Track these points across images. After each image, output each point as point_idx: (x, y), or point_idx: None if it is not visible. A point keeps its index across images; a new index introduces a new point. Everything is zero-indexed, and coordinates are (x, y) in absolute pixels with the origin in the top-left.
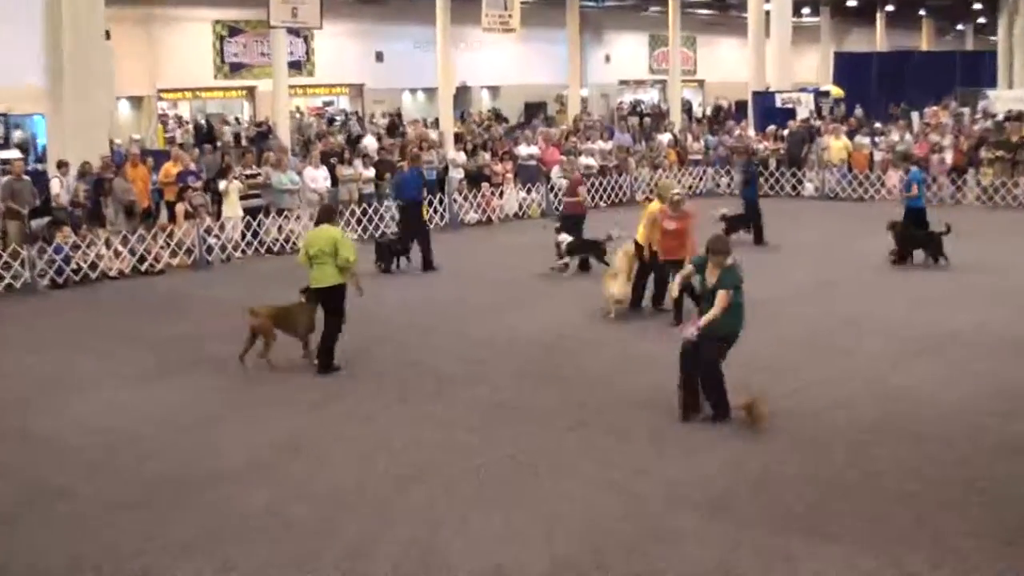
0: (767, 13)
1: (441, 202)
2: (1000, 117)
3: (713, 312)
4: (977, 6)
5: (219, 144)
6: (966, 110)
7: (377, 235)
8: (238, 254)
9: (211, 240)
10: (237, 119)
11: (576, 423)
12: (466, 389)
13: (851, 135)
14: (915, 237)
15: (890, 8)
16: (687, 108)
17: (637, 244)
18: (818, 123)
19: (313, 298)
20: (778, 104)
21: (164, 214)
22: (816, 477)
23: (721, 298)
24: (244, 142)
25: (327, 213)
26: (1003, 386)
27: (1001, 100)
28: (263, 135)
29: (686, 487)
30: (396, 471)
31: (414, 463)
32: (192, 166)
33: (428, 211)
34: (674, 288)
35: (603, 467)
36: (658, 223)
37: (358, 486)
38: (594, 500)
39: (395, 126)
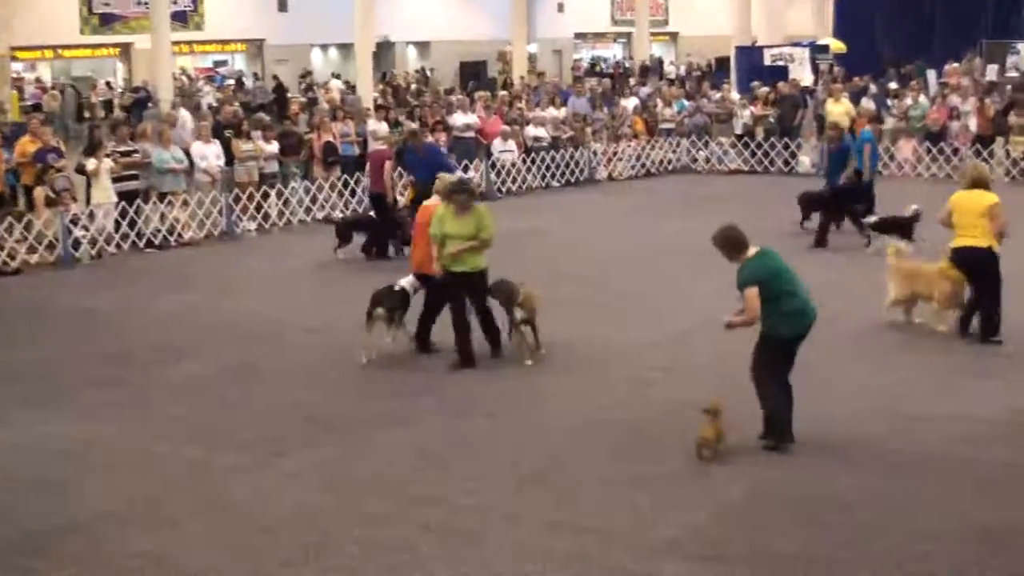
0: None
1: (358, 182)
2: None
3: (742, 318)
4: None
5: (87, 114)
6: (992, 67)
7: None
8: (111, 248)
9: (78, 232)
10: (109, 83)
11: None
12: (383, 432)
13: (856, 98)
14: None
15: None
16: (657, 67)
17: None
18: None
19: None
20: (767, 62)
21: (21, 201)
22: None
23: (746, 300)
24: (118, 111)
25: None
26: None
27: None
28: (141, 102)
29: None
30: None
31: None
32: (54, 142)
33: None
34: None
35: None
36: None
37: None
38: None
39: (282, 94)
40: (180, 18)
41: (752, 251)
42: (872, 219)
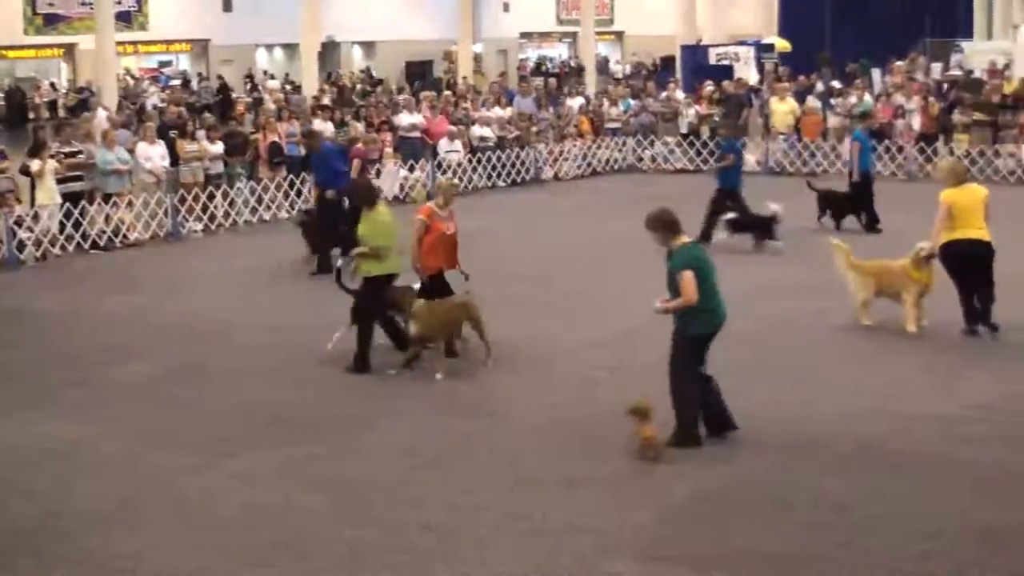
0: None
1: (304, 182)
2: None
3: (676, 302)
4: None
5: (31, 115)
6: (936, 65)
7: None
8: (56, 250)
9: (22, 234)
10: (53, 84)
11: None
12: (338, 432)
13: (800, 97)
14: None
15: None
16: (603, 66)
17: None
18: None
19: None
20: (712, 60)
21: None
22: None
23: (684, 282)
24: (62, 112)
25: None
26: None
27: (979, 53)
28: (85, 103)
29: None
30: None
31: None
32: None
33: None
34: None
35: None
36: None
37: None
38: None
39: (227, 94)
40: (124, 18)
41: (685, 239)
42: (729, 216)
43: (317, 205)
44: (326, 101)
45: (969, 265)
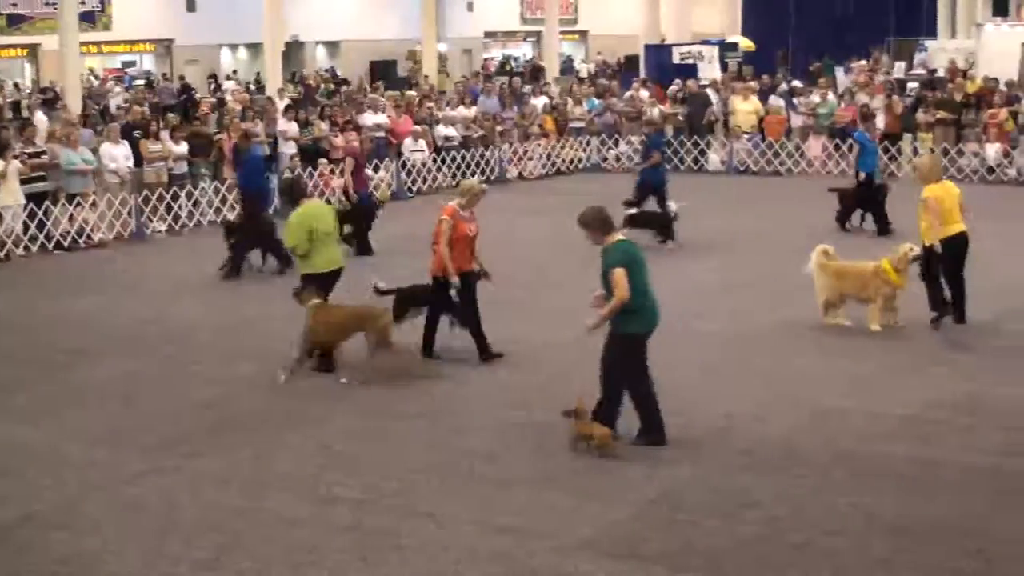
0: None
1: (268, 181)
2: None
3: (607, 308)
4: None
5: None
6: (900, 64)
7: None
8: (20, 251)
9: None
10: (17, 84)
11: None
12: (295, 432)
13: (764, 96)
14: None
15: None
16: (567, 65)
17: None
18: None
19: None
20: (675, 60)
21: None
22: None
23: (616, 279)
24: (25, 112)
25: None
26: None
27: (942, 52)
28: (49, 103)
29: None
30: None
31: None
32: None
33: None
34: None
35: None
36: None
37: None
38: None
39: (189, 95)
40: (88, 18)
41: (617, 236)
42: (631, 212)
43: (241, 207)
44: (283, 102)
45: (958, 258)
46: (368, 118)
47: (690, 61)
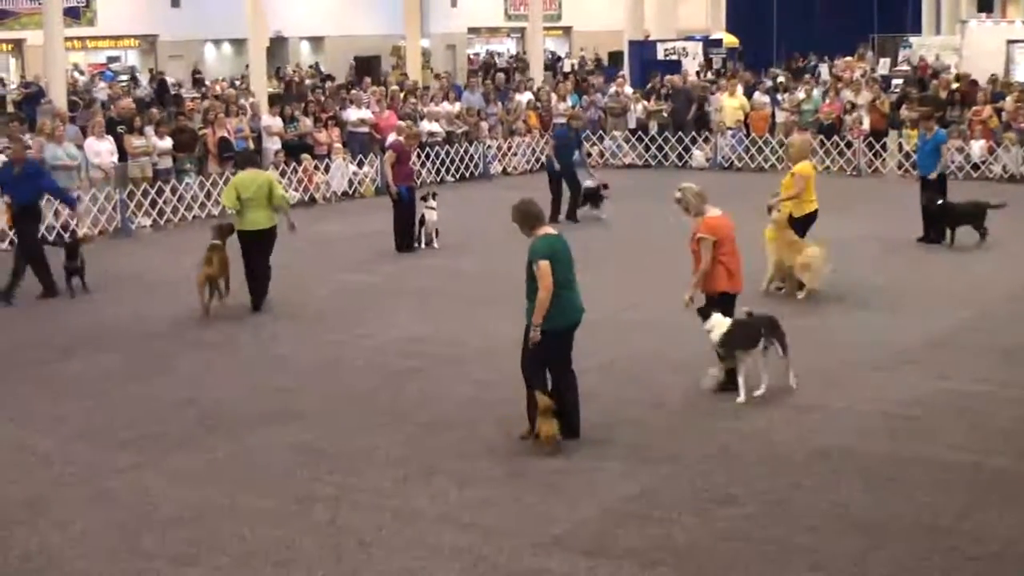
0: None
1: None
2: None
3: (537, 311)
4: None
5: None
6: (884, 60)
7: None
8: (4, 245)
9: None
10: (2, 80)
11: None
12: (270, 429)
13: (749, 92)
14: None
15: None
16: (553, 62)
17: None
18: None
19: (223, 237)
20: (660, 56)
21: None
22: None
23: (540, 271)
24: (11, 108)
25: (250, 158)
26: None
27: (926, 48)
28: (31, 98)
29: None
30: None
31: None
32: None
33: None
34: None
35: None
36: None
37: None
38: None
39: (165, 91)
40: (73, 14)
41: (546, 229)
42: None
43: (14, 222)
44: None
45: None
46: (352, 113)
47: (674, 57)
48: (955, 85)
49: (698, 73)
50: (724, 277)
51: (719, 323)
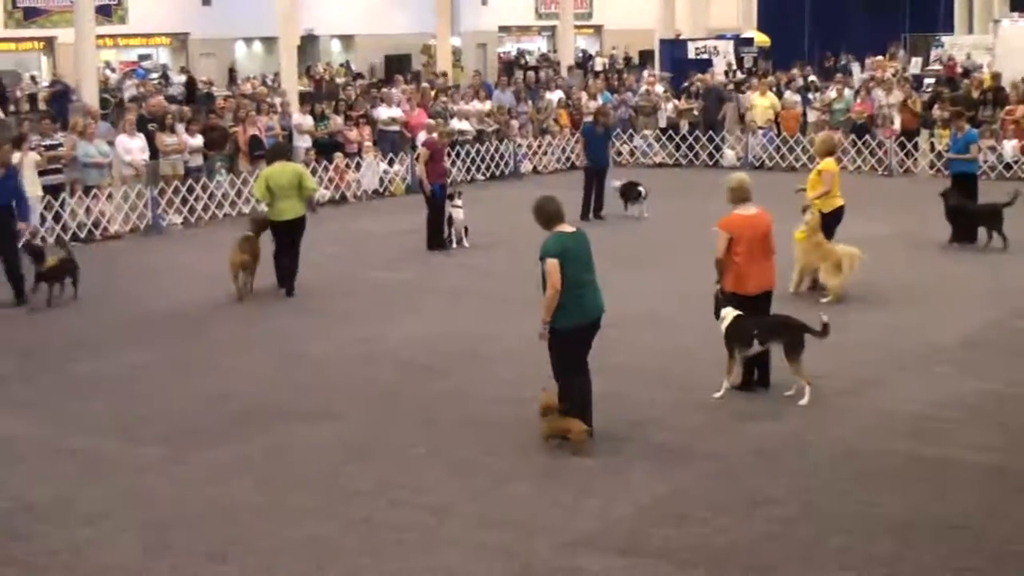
0: None
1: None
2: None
3: (544, 308)
4: None
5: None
6: (916, 59)
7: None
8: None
9: None
10: (33, 77)
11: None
12: (304, 425)
13: (780, 92)
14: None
15: None
16: (584, 60)
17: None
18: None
19: (258, 230)
20: (691, 55)
21: None
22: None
23: (547, 268)
24: (42, 105)
25: (281, 150)
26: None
27: (958, 47)
28: (59, 96)
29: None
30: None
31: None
32: None
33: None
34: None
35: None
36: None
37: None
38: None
39: (193, 88)
40: (104, 12)
41: (563, 227)
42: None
43: None
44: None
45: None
46: (382, 112)
47: (705, 56)
48: (987, 84)
49: (725, 73)
50: (731, 277)
51: (726, 317)
